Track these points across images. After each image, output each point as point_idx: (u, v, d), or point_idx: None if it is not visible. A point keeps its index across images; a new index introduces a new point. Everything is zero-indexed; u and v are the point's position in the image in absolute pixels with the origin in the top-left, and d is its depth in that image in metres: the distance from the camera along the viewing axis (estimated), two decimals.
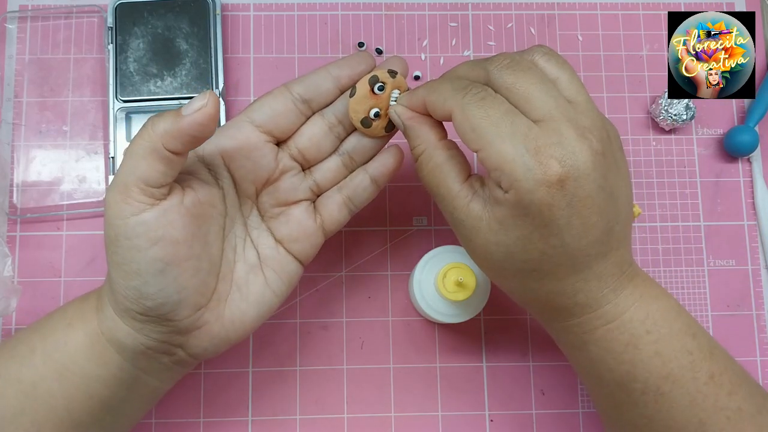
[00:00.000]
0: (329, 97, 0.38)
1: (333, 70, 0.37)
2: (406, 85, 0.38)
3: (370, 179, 0.38)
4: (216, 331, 0.35)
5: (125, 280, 0.33)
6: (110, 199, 0.32)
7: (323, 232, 0.38)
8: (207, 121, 0.32)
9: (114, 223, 0.32)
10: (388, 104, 0.38)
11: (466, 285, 0.40)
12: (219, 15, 0.48)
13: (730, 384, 0.34)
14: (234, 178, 0.37)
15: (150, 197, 0.32)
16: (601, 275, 0.34)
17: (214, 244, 0.35)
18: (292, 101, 0.37)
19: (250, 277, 0.37)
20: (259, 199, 0.38)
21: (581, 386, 0.47)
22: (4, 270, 0.43)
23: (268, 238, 0.38)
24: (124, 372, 0.35)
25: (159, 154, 0.32)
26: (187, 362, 0.36)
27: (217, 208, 0.36)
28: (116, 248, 0.32)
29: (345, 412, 0.46)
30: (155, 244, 0.32)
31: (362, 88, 0.37)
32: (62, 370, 0.35)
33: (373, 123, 0.38)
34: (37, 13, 0.49)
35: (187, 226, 0.33)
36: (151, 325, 0.34)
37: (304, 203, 0.38)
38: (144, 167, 0.32)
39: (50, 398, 0.35)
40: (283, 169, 0.37)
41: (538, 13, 0.51)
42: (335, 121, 0.38)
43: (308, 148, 0.38)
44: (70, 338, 0.35)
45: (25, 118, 0.48)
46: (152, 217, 0.32)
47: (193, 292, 0.34)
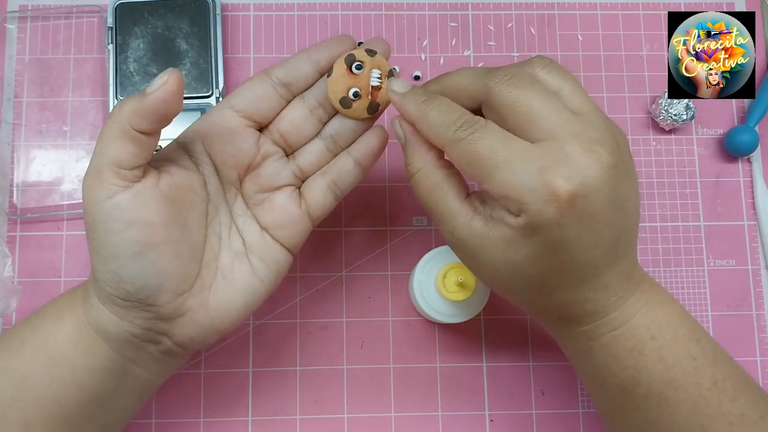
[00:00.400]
0: (309, 80, 0.37)
1: (312, 54, 0.37)
2: (387, 65, 0.38)
3: (354, 161, 0.38)
4: (201, 318, 0.35)
5: (104, 264, 0.33)
6: (85, 185, 0.33)
7: (309, 218, 0.38)
8: (169, 97, 0.32)
9: (90, 209, 0.33)
10: (368, 83, 0.37)
11: (466, 285, 0.40)
12: (219, 15, 0.48)
13: (734, 390, 0.34)
14: (215, 163, 0.37)
15: (123, 179, 0.32)
16: (610, 284, 0.33)
17: (196, 230, 0.35)
18: (271, 86, 0.37)
19: (236, 264, 0.36)
20: (243, 186, 0.38)
21: (581, 386, 0.47)
22: (4, 270, 0.43)
23: (253, 225, 0.37)
24: (112, 362, 0.35)
25: (128, 135, 0.32)
26: (175, 353, 0.36)
27: (198, 194, 0.36)
28: (94, 234, 0.33)
29: (345, 412, 0.46)
30: (130, 226, 0.32)
31: (339, 68, 0.37)
32: (51, 361, 0.35)
33: (353, 103, 0.37)
34: (37, 13, 0.49)
35: (163, 209, 0.33)
36: (134, 311, 0.34)
37: (287, 189, 0.38)
38: (114, 149, 0.32)
39: (39, 390, 0.35)
40: (264, 154, 0.37)
41: (538, 13, 0.51)
42: (315, 104, 0.38)
43: (289, 131, 0.38)
44: (59, 329, 0.35)
45: (25, 118, 0.48)
46: (125, 199, 0.32)
47: (173, 276, 0.34)
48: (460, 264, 0.41)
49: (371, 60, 0.37)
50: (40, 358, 0.35)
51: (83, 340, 0.35)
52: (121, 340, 0.35)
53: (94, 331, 0.35)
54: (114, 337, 0.34)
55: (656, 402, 0.34)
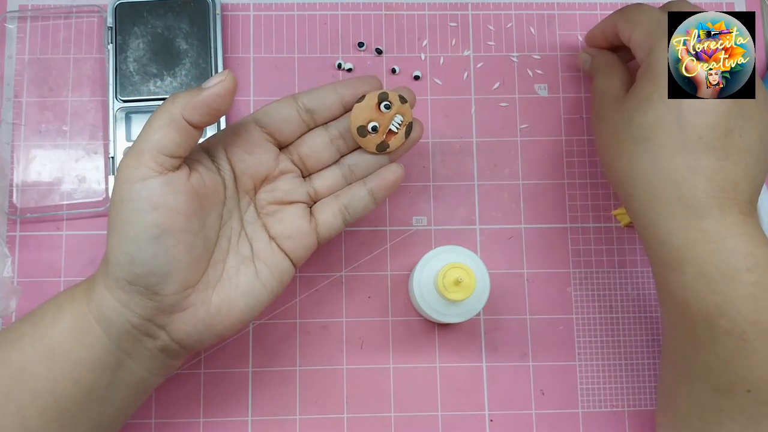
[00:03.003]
0: (333, 111, 0.40)
1: (339, 88, 0.40)
2: (411, 116, 0.40)
3: (368, 191, 0.40)
4: (201, 316, 0.36)
5: (120, 244, 0.34)
6: (123, 164, 0.35)
7: (317, 235, 0.40)
8: (225, 93, 0.34)
9: (122, 186, 0.34)
10: (388, 124, 0.39)
11: (466, 285, 0.40)
12: (219, 15, 0.48)
13: None
14: (234, 171, 0.38)
15: (160, 165, 0.34)
16: (710, 175, 0.34)
17: (212, 229, 0.37)
18: (296, 110, 0.39)
19: (241, 268, 0.38)
20: (257, 196, 0.39)
21: (581, 386, 0.47)
22: (4, 270, 0.43)
23: (262, 233, 0.39)
24: (109, 355, 0.35)
25: (176, 124, 0.34)
26: (172, 351, 0.37)
27: (219, 196, 0.37)
28: (119, 211, 0.34)
29: (345, 412, 0.46)
30: (156, 209, 0.34)
31: (371, 100, 0.39)
32: (48, 353, 0.35)
33: (368, 135, 0.39)
34: (37, 13, 0.49)
35: (189, 201, 0.35)
36: (138, 297, 0.35)
37: (300, 205, 0.40)
38: (160, 135, 0.34)
39: (36, 382, 0.35)
40: (282, 170, 0.39)
41: (538, 13, 0.51)
42: (337, 135, 0.40)
43: (309, 155, 0.40)
44: (58, 321, 0.36)
45: (25, 118, 0.48)
46: (158, 183, 0.34)
47: (183, 267, 0.35)
48: (460, 264, 0.41)
49: (400, 106, 0.40)
50: (38, 350, 0.35)
51: (82, 330, 0.35)
52: (121, 331, 0.35)
53: (94, 319, 0.35)
54: (114, 326, 0.35)
55: (736, 341, 0.33)
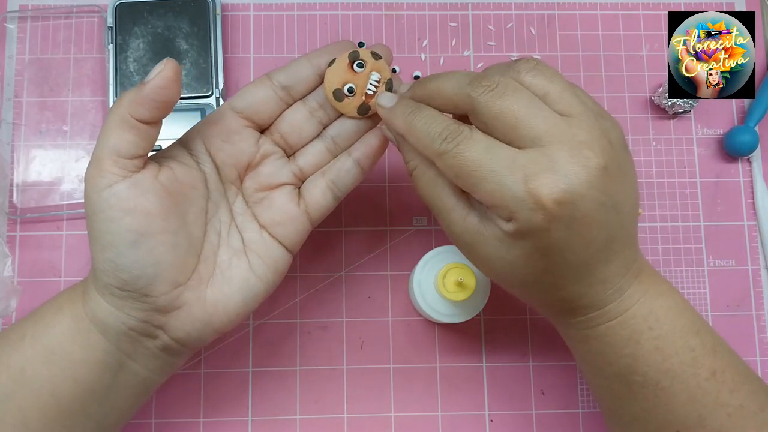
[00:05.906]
0: (309, 84, 0.38)
1: (312, 58, 0.38)
2: (388, 72, 0.38)
3: (353, 161, 0.38)
4: (197, 313, 0.35)
5: (101, 252, 0.34)
6: (87, 175, 0.34)
7: (308, 217, 0.38)
8: (166, 83, 0.33)
9: (90, 198, 0.33)
10: (365, 83, 0.38)
11: (466, 285, 0.40)
12: (219, 15, 0.48)
13: (733, 381, 0.34)
14: (215, 162, 0.37)
15: (122, 169, 0.33)
16: (606, 279, 0.34)
17: (195, 225, 0.36)
18: (272, 89, 0.38)
19: (234, 261, 0.37)
20: (243, 185, 0.38)
21: (581, 386, 0.47)
22: (4, 270, 0.43)
23: (252, 223, 0.38)
24: (109, 356, 0.35)
25: (127, 123, 0.33)
26: (173, 349, 0.36)
27: (198, 190, 0.36)
28: (93, 222, 0.34)
29: (345, 412, 0.46)
30: (128, 214, 0.33)
31: (341, 61, 0.37)
32: (49, 354, 0.35)
33: (346, 98, 0.38)
34: (37, 13, 0.49)
35: (162, 200, 0.34)
36: (130, 301, 0.34)
37: (287, 188, 0.38)
38: (114, 138, 0.33)
39: (37, 383, 0.35)
40: (264, 154, 0.38)
41: (538, 13, 0.51)
42: (316, 106, 0.38)
43: (289, 132, 0.38)
44: (58, 322, 0.36)
45: (25, 118, 0.48)
46: (124, 187, 0.33)
47: (169, 266, 0.34)
48: (460, 264, 0.41)
49: (374, 62, 0.38)
50: (38, 351, 0.35)
51: (81, 332, 0.35)
52: (119, 333, 0.35)
53: (91, 322, 0.35)
54: (111, 329, 0.35)
55: (653, 391, 0.34)
